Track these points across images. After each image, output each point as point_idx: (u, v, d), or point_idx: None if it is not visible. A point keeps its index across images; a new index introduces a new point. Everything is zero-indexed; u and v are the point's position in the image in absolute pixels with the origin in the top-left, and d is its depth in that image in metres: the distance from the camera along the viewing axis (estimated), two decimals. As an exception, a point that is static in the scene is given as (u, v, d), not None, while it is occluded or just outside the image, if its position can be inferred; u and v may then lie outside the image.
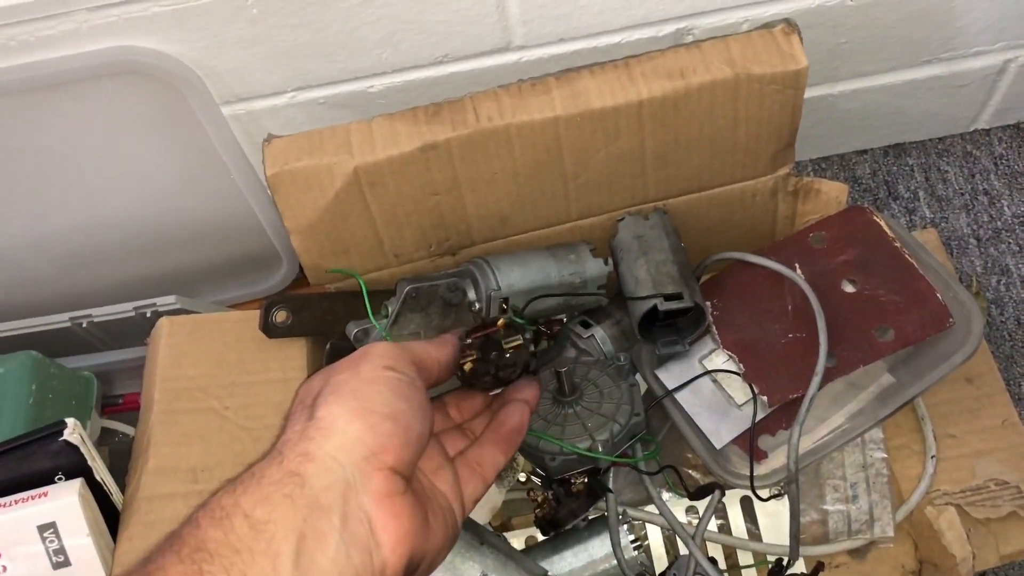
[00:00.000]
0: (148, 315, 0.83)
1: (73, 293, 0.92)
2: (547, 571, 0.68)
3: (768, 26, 0.76)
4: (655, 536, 0.81)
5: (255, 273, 0.96)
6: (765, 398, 0.74)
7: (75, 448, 0.69)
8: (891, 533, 0.77)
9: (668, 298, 0.74)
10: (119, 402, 0.88)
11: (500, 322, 0.64)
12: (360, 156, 0.71)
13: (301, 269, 0.94)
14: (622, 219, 0.80)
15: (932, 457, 0.80)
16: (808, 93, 0.78)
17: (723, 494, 0.77)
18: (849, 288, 0.79)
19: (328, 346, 0.79)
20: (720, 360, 0.79)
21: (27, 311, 0.87)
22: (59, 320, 0.83)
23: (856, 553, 0.80)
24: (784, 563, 0.70)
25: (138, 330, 0.86)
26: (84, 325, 0.84)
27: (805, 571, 0.70)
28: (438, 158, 0.72)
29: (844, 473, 0.80)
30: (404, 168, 0.72)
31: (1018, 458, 0.80)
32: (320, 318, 0.76)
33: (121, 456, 0.75)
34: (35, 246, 0.87)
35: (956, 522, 0.75)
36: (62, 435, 0.68)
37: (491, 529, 0.72)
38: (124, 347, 0.89)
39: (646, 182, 0.79)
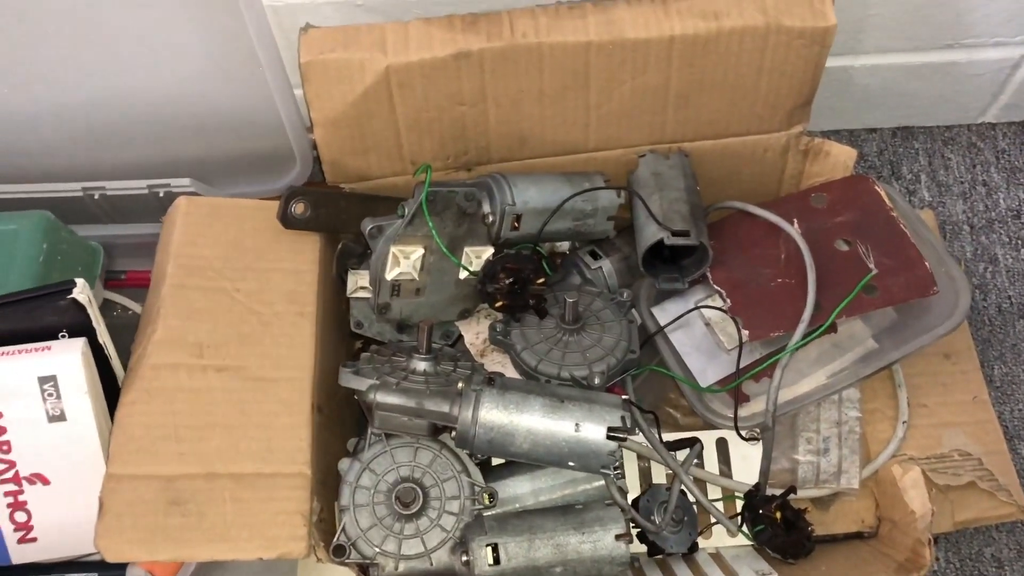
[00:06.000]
0: (161, 195, 0.84)
1: (82, 166, 0.91)
2: (626, 397, 0.72)
3: (804, -18, 0.78)
4: (631, 469, 0.84)
5: (266, 172, 0.96)
6: (747, 332, 0.77)
7: (82, 308, 0.70)
8: (856, 485, 0.80)
9: (676, 234, 0.76)
10: (121, 277, 0.88)
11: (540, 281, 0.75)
12: (393, 55, 0.73)
13: (313, 173, 0.96)
14: (644, 155, 0.82)
15: (903, 423, 0.83)
16: (829, 62, 0.80)
17: (703, 447, 0.80)
18: (842, 247, 0.82)
19: (340, 245, 0.81)
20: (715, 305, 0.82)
21: (37, 178, 0.87)
22: (72, 188, 0.84)
23: (820, 503, 0.83)
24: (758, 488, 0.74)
25: (146, 208, 0.87)
26: (96, 197, 0.84)
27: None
28: (469, 67, 0.74)
29: (818, 427, 0.83)
30: (435, 73, 0.74)
31: (983, 433, 0.84)
32: (336, 215, 0.77)
33: (119, 330, 0.76)
34: (54, 113, 0.86)
35: (920, 481, 0.78)
36: (71, 293, 0.69)
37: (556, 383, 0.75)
38: (128, 223, 0.89)
39: (665, 121, 0.81)
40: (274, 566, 0.88)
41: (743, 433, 0.77)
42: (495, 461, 0.78)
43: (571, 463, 0.68)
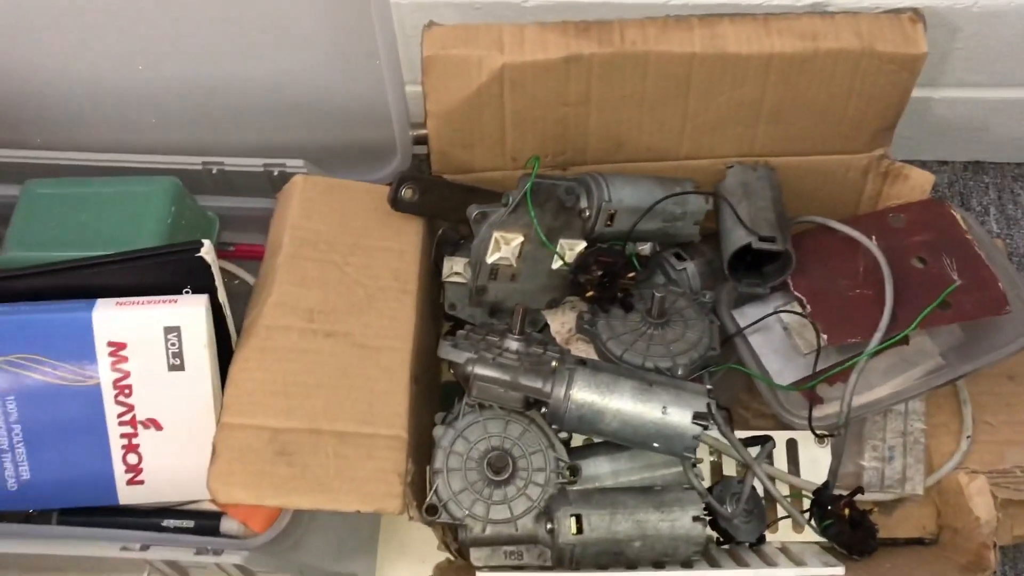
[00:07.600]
0: (275, 173, 0.89)
1: (194, 142, 0.96)
2: (710, 388, 0.75)
3: (897, 12, 0.82)
4: (703, 464, 0.87)
5: (366, 163, 1.00)
6: (826, 336, 0.80)
7: (207, 268, 0.75)
8: (920, 491, 0.83)
9: (763, 239, 0.80)
10: (230, 249, 0.94)
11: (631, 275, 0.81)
12: (509, 55, 0.78)
13: (413, 165, 1.00)
14: (732, 166, 0.86)
15: (967, 437, 0.86)
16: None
17: (775, 445, 0.84)
18: (918, 265, 0.85)
19: (439, 232, 0.86)
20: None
21: (158, 150, 0.92)
22: (193, 162, 0.89)
23: (883, 507, 0.86)
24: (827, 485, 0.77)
25: (256, 185, 0.92)
26: (214, 171, 0.90)
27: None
28: (578, 70, 0.79)
29: (884, 436, 0.86)
30: (545, 74, 0.79)
31: (1045, 452, 0.86)
32: (440, 203, 0.82)
33: (229, 297, 0.81)
34: (179, 92, 0.93)
35: (985, 489, 0.81)
36: (198, 252, 0.74)
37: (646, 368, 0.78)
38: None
39: (756, 134, 0.85)
40: (357, 526, 0.93)
41: (816, 432, 0.80)
42: (575, 442, 0.82)
43: (656, 444, 0.72)
